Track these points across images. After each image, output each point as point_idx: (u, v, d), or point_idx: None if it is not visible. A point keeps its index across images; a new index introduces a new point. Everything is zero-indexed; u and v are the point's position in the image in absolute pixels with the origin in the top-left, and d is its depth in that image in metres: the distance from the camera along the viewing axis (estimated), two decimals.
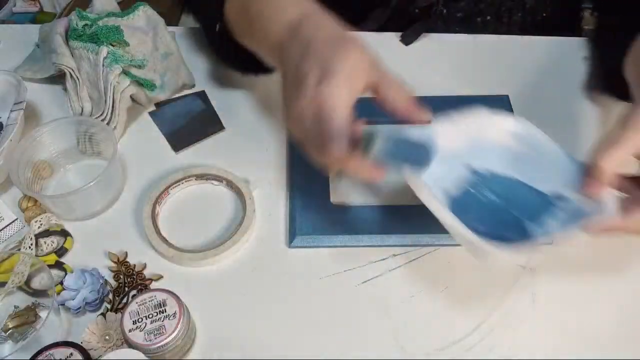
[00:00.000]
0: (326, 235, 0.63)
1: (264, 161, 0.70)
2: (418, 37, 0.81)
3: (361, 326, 0.58)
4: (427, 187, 0.54)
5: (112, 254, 0.62)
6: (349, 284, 0.61)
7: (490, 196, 0.58)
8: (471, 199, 0.58)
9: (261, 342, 0.57)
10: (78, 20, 0.72)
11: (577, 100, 0.75)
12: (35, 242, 0.62)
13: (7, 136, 0.66)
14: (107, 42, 0.70)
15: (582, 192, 0.53)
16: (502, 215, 0.57)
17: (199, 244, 0.63)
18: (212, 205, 0.67)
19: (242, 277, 0.61)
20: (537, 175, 0.57)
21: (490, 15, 0.80)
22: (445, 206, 0.54)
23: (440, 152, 0.57)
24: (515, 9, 0.80)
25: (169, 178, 0.67)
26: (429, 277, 0.61)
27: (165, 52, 0.76)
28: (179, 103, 0.76)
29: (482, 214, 0.57)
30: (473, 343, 0.57)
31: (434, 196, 0.54)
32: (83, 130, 0.68)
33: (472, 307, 0.59)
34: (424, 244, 0.63)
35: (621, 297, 0.60)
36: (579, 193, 0.53)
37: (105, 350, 0.55)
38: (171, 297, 0.54)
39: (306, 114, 0.52)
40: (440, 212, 0.53)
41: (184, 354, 0.55)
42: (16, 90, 0.70)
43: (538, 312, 0.59)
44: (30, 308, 0.59)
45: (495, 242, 0.51)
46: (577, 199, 0.54)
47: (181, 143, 0.72)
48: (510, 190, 0.58)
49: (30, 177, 0.66)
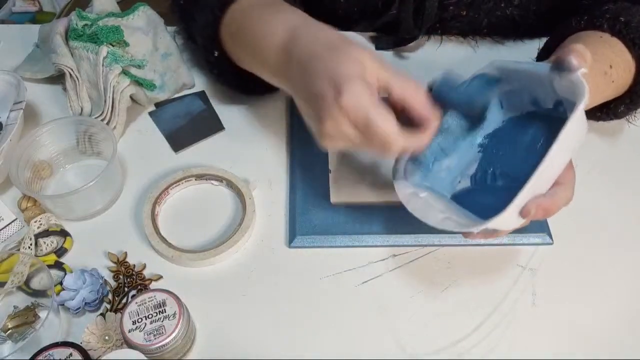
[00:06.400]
0: (326, 235, 0.62)
1: (264, 161, 0.70)
2: (391, 48, 0.81)
3: (361, 326, 0.58)
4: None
5: (111, 254, 0.62)
6: (349, 284, 0.60)
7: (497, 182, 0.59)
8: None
9: (261, 342, 0.57)
10: (78, 20, 0.72)
11: None
12: (35, 242, 0.62)
13: (7, 136, 0.66)
14: (107, 42, 0.70)
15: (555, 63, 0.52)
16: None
17: (198, 244, 0.63)
18: (212, 205, 0.67)
19: (242, 277, 0.61)
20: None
21: (487, 30, 0.80)
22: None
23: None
24: (510, 29, 0.81)
25: (168, 178, 0.67)
26: (429, 277, 0.61)
27: (165, 52, 0.76)
28: (179, 103, 0.76)
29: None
30: (473, 343, 0.57)
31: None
32: (83, 130, 0.68)
33: (472, 307, 0.59)
34: (424, 244, 0.63)
35: (621, 297, 0.60)
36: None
37: (104, 350, 0.55)
38: (171, 297, 0.54)
39: (344, 131, 0.51)
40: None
41: (184, 354, 0.55)
42: (16, 90, 0.70)
43: (538, 312, 0.59)
44: (30, 308, 0.59)
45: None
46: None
47: (181, 143, 0.72)
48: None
49: (30, 177, 0.66)
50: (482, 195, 0.59)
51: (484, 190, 0.59)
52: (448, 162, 0.61)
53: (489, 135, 0.60)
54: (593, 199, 0.66)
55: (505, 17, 0.78)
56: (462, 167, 0.61)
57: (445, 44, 0.81)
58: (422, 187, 0.58)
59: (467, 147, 0.61)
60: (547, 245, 0.63)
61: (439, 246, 0.63)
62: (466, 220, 0.53)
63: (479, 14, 0.78)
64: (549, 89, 0.54)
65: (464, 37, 0.82)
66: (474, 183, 0.60)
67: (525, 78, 0.56)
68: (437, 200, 0.57)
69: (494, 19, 0.79)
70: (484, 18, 0.78)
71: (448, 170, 0.61)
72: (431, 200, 0.57)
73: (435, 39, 0.82)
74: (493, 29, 0.80)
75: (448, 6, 0.76)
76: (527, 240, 0.63)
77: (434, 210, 0.55)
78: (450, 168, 0.61)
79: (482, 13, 0.77)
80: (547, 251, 0.63)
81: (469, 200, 0.58)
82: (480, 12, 0.77)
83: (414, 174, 0.59)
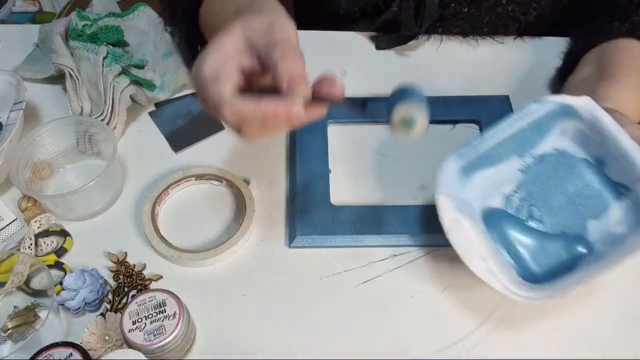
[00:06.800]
0: (326, 235, 0.62)
1: (264, 161, 0.70)
2: (391, 47, 0.81)
3: (361, 326, 0.58)
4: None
5: (111, 254, 0.62)
6: (349, 284, 0.60)
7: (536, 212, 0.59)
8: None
9: (261, 342, 0.57)
10: (78, 20, 0.73)
11: None
12: (35, 242, 0.62)
13: (7, 136, 0.66)
14: (107, 42, 0.70)
15: None
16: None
17: (198, 244, 0.63)
18: (212, 205, 0.67)
19: (242, 277, 0.61)
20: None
21: (488, 28, 0.80)
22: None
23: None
24: (511, 26, 0.81)
25: (168, 178, 0.67)
26: (429, 277, 0.61)
27: (165, 52, 0.76)
28: (179, 103, 0.76)
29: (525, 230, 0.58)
30: (473, 343, 0.57)
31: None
32: (83, 130, 0.68)
33: (472, 307, 0.59)
34: (424, 244, 0.63)
35: (621, 297, 0.60)
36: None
37: (104, 350, 0.55)
38: (171, 297, 0.54)
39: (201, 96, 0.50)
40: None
41: (184, 354, 0.55)
42: (16, 90, 0.70)
43: (538, 312, 0.59)
44: (30, 308, 0.59)
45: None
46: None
47: (181, 143, 0.72)
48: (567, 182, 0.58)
49: (30, 177, 0.66)
50: (514, 228, 0.58)
51: (516, 222, 0.58)
52: (490, 171, 0.59)
53: (536, 158, 0.59)
54: None
55: (506, 15, 0.78)
56: (498, 180, 0.59)
57: (446, 43, 0.81)
58: (463, 205, 0.56)
59: (512, 160, 0.59)
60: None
61: (439, 246, 0.63)
62: (512, 283, 0.53)
63: (479, 11, 0.77)
64: (630, 172, 0.53)
65: (464, 36, 0.82)
66: (506, 206, 0.59)
67: (613, 145, 0.54)
68: (480, 238, 0.55)
69: (494, 17, 0.78)
70: (485, 15, 0.78)
71: (483, 178, 0.59)
72: (474, 236, 0.54)
73: (436, 38, 0.82)
74: (494, 27, 0.80)
75: (449, 3, 0.76)
76: None
77: (476, 253, 0.54)
78: (486, 177, 0.59)
79: (483, 10, 0.77)
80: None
81: (498, 228, 0.57)
82: (481, 9, 0.77)
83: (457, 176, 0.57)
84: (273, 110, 0.47)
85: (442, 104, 0.74)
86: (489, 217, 0.58)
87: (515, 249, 0.57)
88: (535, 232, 0.58)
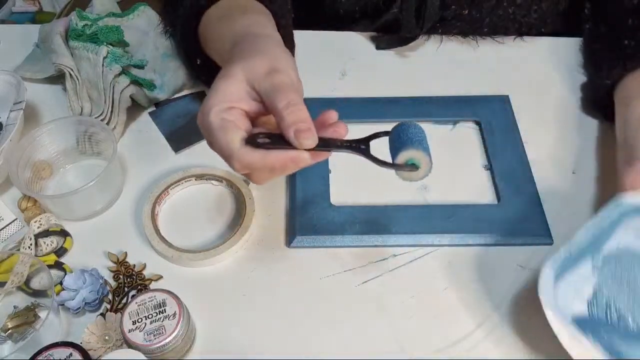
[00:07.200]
0: (326, 235, 0.62)
1: None
2: (391, 48, 0.81)
3: (361, 326, 0.58)
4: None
5: (111, 254, 0.62)
6: (349, 284, 0.60)
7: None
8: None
9: (261, 342, 0.57)
10: (78, 20, 0.73)
11: (577, 100, 0.75)
12: (35, 242, 0.62)
13: (7, 136, 0.66)
14: (107, 42, 0.70)
15: None
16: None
17: (198, 244, 0.63)
18: (212, 205, 0.67)
19: (242, 277, 0.61)
20: None
21: (488, 29, 0.81)
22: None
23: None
24: (511, 28, 0.81)
25: (168, 178, 0.67)
26: (429, 277, 0.61)
27: (165, 52, 0.76)
28: (179, 103, 0.76)
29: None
30: (473, 343, 0.57)
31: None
32: (83, 130, 0.68)
33: (472, 307, 0.59)
34: (424, 244, 0.63)
35: None
36: None
37: (104, 350, 0.55)
38: (171, 297, 0.54)
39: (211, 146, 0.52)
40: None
41: (184, 354, 0.55)
42: (16, 90, 0.70)
43: (538, 312, 0.58)
44: (30, 308, 0.59)
45: None
46: None
47: (181, 143, 0.72)
48: None
49: (30, 177, 0.66)
50: (611, 336, 0.52)
51: (613, 330, 0.52)
52: (571, 276, 0.54)
53: (607, 258, 0.54)
54: (593, 199, 0.66)
55: (507, 17, 0.78)
56: (577, 283, 0.53)
57: (445, 43, 0.81)
58: (576, 323, 0.52)
59: (586, 262, 0.54)
60: (547, 245, 0.63)
61: (439, 246, 0.63)
62: None
63: (480, 13, 0.77)
64: None
65: (464, 36, 0.82)
66: (593, 314, 0.53)
67: None
68: (603, 355, 0.50)
69: (495, 18, 0.79)
70: (486, 17, 0.78)
71: (568, 283, 0.53)
72: (597, 355, 0.50)
73: (436, 38, 0.82)
74: (494, 28, 0.80)
75: (450, 5, 0.76)
76: (527, 240, 0.63)
77: None
78: (570, 282, 0.53)
79: (483, 12, 0.77)
80: (547, 251, 0.63)
81: (599, 337, 0.51)
82: (482, 11, 0.77)
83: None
84: (281, 161, 0.49)
85: (442, 104, 0.74)
86: (583, 326, 0.52)
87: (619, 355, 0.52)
88: (633, 335, 0.52)
